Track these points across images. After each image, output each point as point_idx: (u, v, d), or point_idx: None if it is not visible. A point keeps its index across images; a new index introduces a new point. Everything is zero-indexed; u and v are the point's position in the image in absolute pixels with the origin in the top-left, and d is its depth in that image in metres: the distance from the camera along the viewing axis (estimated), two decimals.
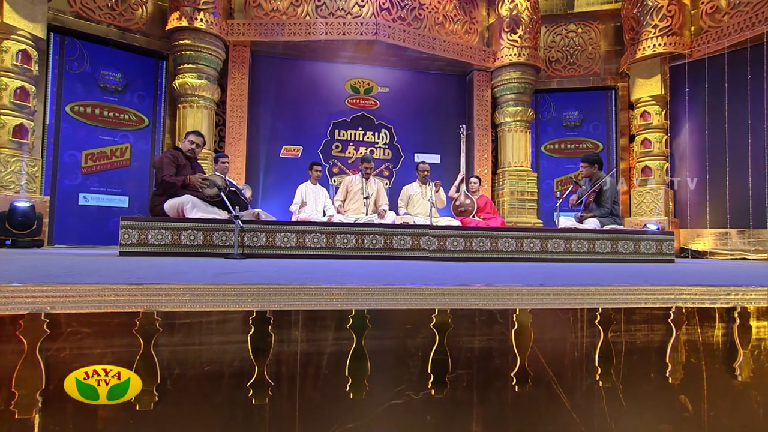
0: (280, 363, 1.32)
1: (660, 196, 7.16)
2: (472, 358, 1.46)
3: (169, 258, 3.22)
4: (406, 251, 3.98)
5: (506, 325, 1.50)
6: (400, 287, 1.36)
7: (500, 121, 7.84)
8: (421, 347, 1.42)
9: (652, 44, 7.17)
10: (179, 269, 1.93)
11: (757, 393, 1.72)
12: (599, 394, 1.57)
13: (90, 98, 6.52)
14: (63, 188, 6.29)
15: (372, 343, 1.38)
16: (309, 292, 1.29)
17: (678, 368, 1.65)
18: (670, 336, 1.66)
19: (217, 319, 1.28)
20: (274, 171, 7.33)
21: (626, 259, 4.43)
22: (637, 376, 1.62)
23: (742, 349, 1.71)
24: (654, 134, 7.29)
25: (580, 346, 1.58)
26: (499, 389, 1.47)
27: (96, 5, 6.49)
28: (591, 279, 1.88)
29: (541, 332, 1.53)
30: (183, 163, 4.04)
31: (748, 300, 1.73)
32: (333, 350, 1.35)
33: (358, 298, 1.33)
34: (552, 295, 1.52)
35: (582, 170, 5.26)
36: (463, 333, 1.46)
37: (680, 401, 1.65)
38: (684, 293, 1.68)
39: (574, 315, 1.58)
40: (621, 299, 1.60)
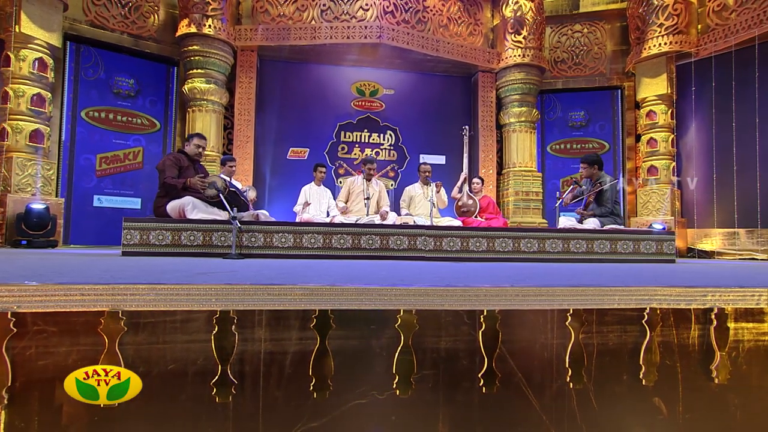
0: (243, 362, 1.37)
1: (666, 196, 7.11)
2: (438, 359, 1.50)
3: (164, 258, 3.33)
4: (402, 251, 4.06)
5: (473, 326, 1.53)
6: (364, 288, 1.42)
7: (505, 121, 7.88)
8: (385, 347, 1.46)
9: (658, 43, 7.13)
10: (164, 268, 2.05)
11: (734, 395, 1.71)
12: (569, 395, 1.58)
13: (104, 103, 6.76)
14: (78, 190, 6.53)
15: (336, 343, 1.43)
16: (272, 292, 1.35)
17: (652, 370, 1.64)
18: (644, 337, 1.66)
19: (182, 318, 1.34)
20: (281, 172, 7.48)
21: (626, 259, 4.44)
22: (609, 378, 1.62)
23: (719, 351, 1.70)
24: (660, 134, 7.25)
25: (550, 347, 1.59)
26: (466, 390, 1.50)
27: (110, 14, 6.72)
28: (569, 279, 1.89)
29: (510, 333, 1.55)
30: (186, 165, 4.18)
31: (726, 301, 1.71)
32: (297, 350, 1.41)
33: (322, 298, 1.38)
34: (521, 296, 1.53)
35: (582, 171, 5.29)
36: (429, 333, 1.50)
37: (654, 403, 1.65)
38: (658, 294, 1.66)
39: (543, 316, 1.60)
40: (592, 300, 1.60)
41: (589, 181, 5.28)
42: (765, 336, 1.79)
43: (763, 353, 1.79)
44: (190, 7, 6.69)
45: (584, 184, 5.39)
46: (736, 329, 1.77)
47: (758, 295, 1.77)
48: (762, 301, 1.77)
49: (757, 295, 1.77)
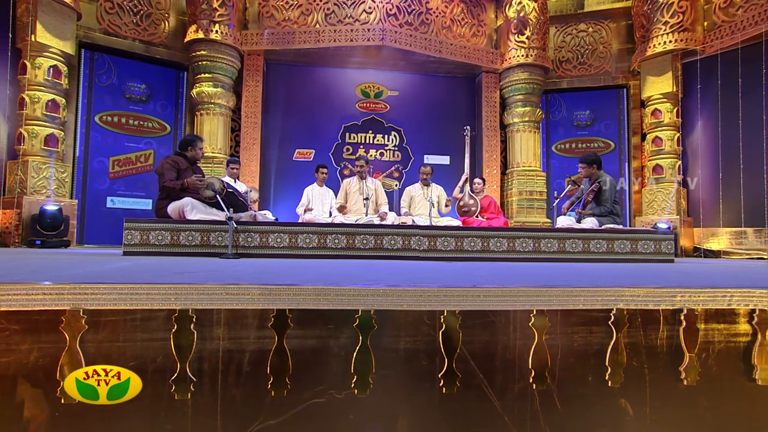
0: (202, 360, 1.40)
1: (671, 195, 7.05)
2: (398, 359, 1.50)
3: (159, 258, 3.45)
4: (396, 251, 4.14)
5: (433, 326, 1.56)
6: (322, 288, 1.47)
7: (509, 121, 7.89)
8: (344, 347, 1.49)
9: (663, 41, 7.07)
10: (142, 268, 2.16)
11: (704, 398, 1.70)
12: (532, 396, 1.58)
13: (117, 108, 6.98)
14: (93, 192, 6.76)
15: (294, 342, 1.47)
16: (230, 291, 1.41)
17: (618, 371, 1.64)
18: (610, 338, 1.66)
19: (142, 317, 1.38)
20: (287, 174, 7.62)
21: (623, 259, 4.44)
22: (573, 379, 1.62)
23: (688, 352, 1.70)
24: (665, 132, 7.19)
25: (512, 348, 1.60)
26: (425, 390, 1.52)
27: (122, 22, 6.93)
28: (538, 280, 1.94)
29: (471, 334, 1.57)
30: (184, 167, 4.31)
31: (696, 302, 1.71)
32: (255, 348, 1.44)
33: (279, 298, 1.44)
34: (482, 296, 1.56)
35: (581, 171, 5.29)
36: (388, 333, 1.53)
37: (620, 405, 1.65)
38: (625, 295, 1.67)
39: (506, 317, 1.61)
40: (556, 301, 1.61)
41: (588, 181, 5.29)
42: (737, 337, 1.81)
43: (735, 355, 1.80)
44: (198, 14, 6.86)
45: (584, 184, 5.39)
46: (707, 330, 1.76)
47: (729, 295, 1.79)
48: (733, 302, 1.79)
49: (728, 296, 1.79)
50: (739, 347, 1.79)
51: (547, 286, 1.68)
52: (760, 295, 1.80)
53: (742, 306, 1.79)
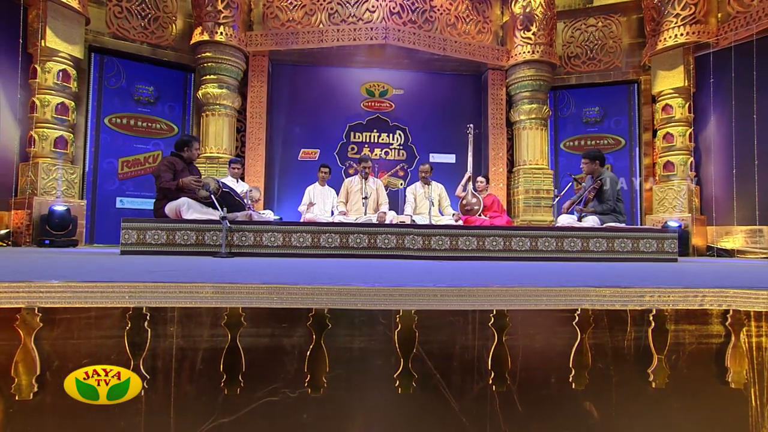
0: (155, 357, 1.42)
1: (683, 192, 6.86)
2: (352, 358, 1.51)
3: (152, 257, 3.52)
4: (390, 250, 4.12)
5: (389, 326, 1.55)
6: (276, 286, 1.47)
7: (515, 119, 7.79)
8: (297, 346, 1.50)
9: (674, 34, 6.89)
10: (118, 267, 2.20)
11: (674, 401, 1.66)
12: (492, 398, 1.56)
13: (125, 110, 7.13)
14: (102, 193, 6.93)
15: (247, 341, 1.47)
16: (183, 289, 1.43)
17: (582, 373, 1.60)
18: (574, 339, 1.61)
19: (96, 315, 1.40)
20: (292, 173, 7.68)
21: (623, 258, 4.34)
22: (535, 381, 1.59)
23: (656, 354, 1.65)
24: (677, 128, 7.01)
25: (470, 348, 1.57)
26: (381, 390, 1.51)
27: (131, 25, 7.08)
28: (503, 279, 1.91)
29: (428, 334, 1.55)
30: (180, 168, 4.36)
31: (665, 302, 1.65)
32: (208, 346, 1.46)
33: (232, 296, 1.45)
34: (439, 296, 1.53)
35: (583, 167, 5.19)
36: (343, 333, 1.52)
37: (585, 408, 1.61)
38: (591, 295, 1.62)
39: (464, 317, 1.59)
40: (518, 301, 1.58)
41: (590, 178, 5.18)
42: (709, 339, 1.75)
43: (707, 357, 1.74)
44: (203, 16, 6.96)
45: (586, 182, 5.29)
46: (677, 331, 1.71)
47: (701, 296, 1.73)
48: (705, 302, 1.73)
49: (700, 296, 1.73)
50: (712, 349, 1.74)
51: (510, 285, 1.65)
52: (734, 295, 1.73)
53: (715, 306, 1.73)
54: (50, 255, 3.37)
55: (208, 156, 7.01)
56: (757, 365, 1.73)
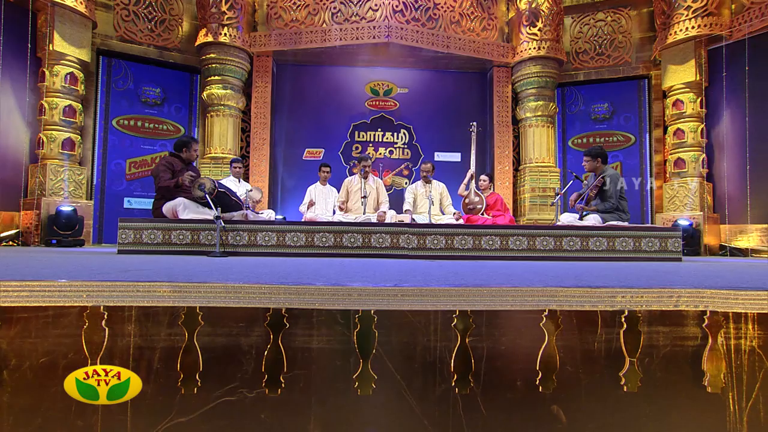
0: (113, 356, 1.42)
1: (694, 190, 6.67)
2: (310, 359, 1.50)
3: (146, 256, 3.57)
4: (384, 249, 4.10)
5: (347, 326, 1.53)
6: (232, 285, 1.47)
7: (521, 116, 7.68)
8: (254, 345, 1.49)
9: (685, 27, 6.70)
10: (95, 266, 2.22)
11: (647, 405, 1.60)
12: (455, 400, 1.53)
13: (133, 112, 7.25)
14: (111, 193, 7.05)
15: (205, 340, 1.47)
16: (140, 288, 1.44)
17: (550, 376, 1.56)
18: (541, 341, 1.57)
19: (54, 314, 1.41)
20: (297, 173, 7.71)
21: (625, 258, 4.24)
22: (500, 384, 1.54)
23: (628, 357, 1.59)
24: (688, 124, 6.81)
25: (433, 350, 1.54)
26: (339, 392, 1.49)
27: (138, 28, 7.19)
28: (474, 279, 1.87)
29: (388, 334, 1.53)
30: (179, 168, 4.41)
31: (638, 303, 1.60)
32: (165, 345, 1.46)
33: (188, 295, 1.45)
34: (399, 296, 1.51)
35: (584, 164, 5.09)
36: (301, 333, 1.51)
37: (552, 412, 1.57)
38: (559, 295, 1.58)
39: (426, 317, 1.56)
40: (482, 301, 1.55)
41: (593, 176, 5.07)
42: (684, 341, 1.68)
43: (682, 360, 1.68)
44: (207, 18, 7.03)
45: (590, 179, 5.18)
46: (651, 333, 1.65)
47: (676, 296, 1.67)
48: (681, 303, 1.67)
49: (675, 297, 1.67)
50: (688, 352, 1.67)
51: (473, 285, 1.61)
52: (711, 296, 1.67)
53: (691, 307, 1.67)
54: (44, 254, 3.43)
55: (212, 156, 7.09)
56: (736, 369, 1.66)
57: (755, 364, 1.67)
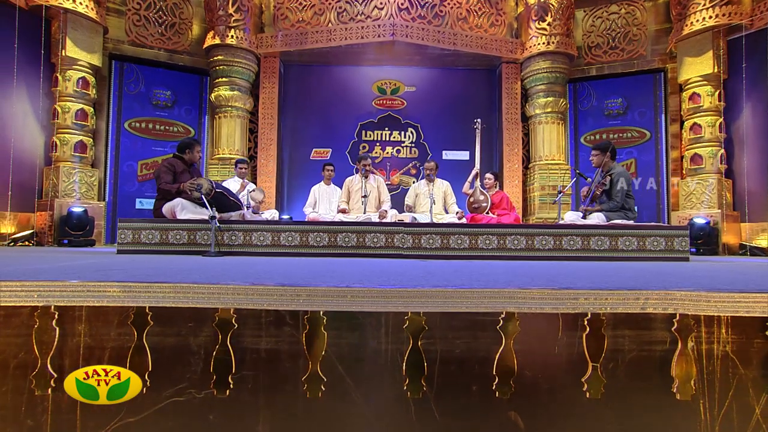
0: (63, 356, 1.42)
1: (712, 187, 6.41)
2: (259, 360, 1.48)
3: (143, 256, 3.63)
4: (379, 249, 4.07)
5: (296, 327, 1.51)
6: (181, 285, 1.47)
7: (531, 113, 7.53)
8: (203, 346, 1.48)
9: (702, 17, 6.44)
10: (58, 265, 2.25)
11: (611, 413, 1.52)
12: (407, 405, 1.49)
13: (144, 114, 7.40)
14: (123, 194, 7.22)
15: (154, 340, 1.47)
16: (90, 289, 1.45)
17: (506, 381, 1.51)
18: (498, 345, 1.52)
19: (5, 314, 1.42)
20: (304, 173, 7.74)
21: (628, 258, 4.10)
22: (454, 388, 1.50)
23: (591, 362, 1.53)
24: (705, 118, 6.55)
25: (383, 352, 1.51)
26: (288, 394, 1.48)
27: (149, 33, 7.34)
28: (421, 281, 1.82)
29: (338, 336, 1.50)
30: (180, 170, 4.48)
31: (602, 305, 1.54)
32: (115, 345, 1.47)
33: (138, 295, 1.46)
34: (349, 297, 1.50)
35: (592, 158, 4.92)
36: (249, 333, 1.49)
37: (510, 418, 1.51)
38: (517, 297, 1.53)
39: (377, 319, 1.52)
40: (433, 303, 1.51)
41: (600, 172, 4.92)
42: (652, 346, 1.60)
43: (649, 365, 1.59)
44: (215, 20, 7.13)
45: (597, 176, 5.02)
46: (616, 337, 1.57)
47: (644, 298, 1.60)
48: (649, 305, 1.60)
49: (642, 299, 1.60)
50: (655, 357, 1.58)
51: (426, 287, 1.57)
52: (682, 298, 1.59)
53: (660, 310, 1.58)
54: (40, 254, 3.52)
55: (220, 157, 7.18)
56: (708, 375, 1.57)
57: (728, 370, 1.57)
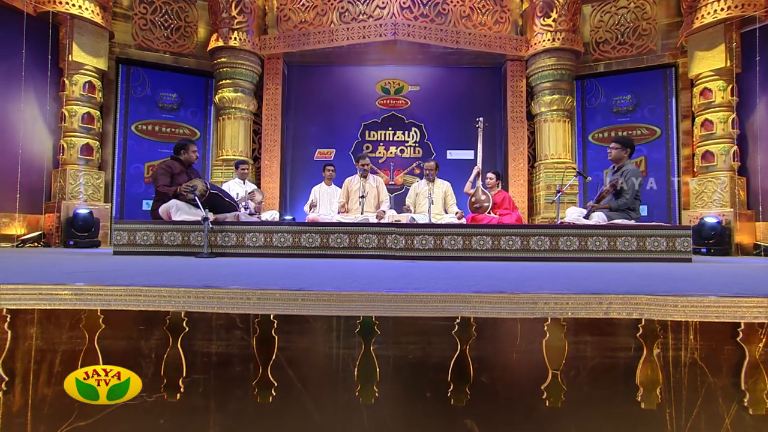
0: (14, 359, 1.42)
1: (724, 185, 6.20)
2: (210, 364, 1.48)
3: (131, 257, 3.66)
4: (371, 250, 4.03)
5: (247, 331, 1.50)
6: (131, 287, 1.47)
7: (536, 111, 7.39)
8: (154, 349, 1.48)
9: (713, 10, 6.23)
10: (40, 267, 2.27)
11: (571, 423, 1.48)
12: (358, 410, 1.47)
13: (151, 117, 7.51)
14: (130, 196, 7.34)
15: (106, 343, 1.48)
16: (42, 292, 1.45)
17: (462, 388, 1.47)
18: (453, 350, 1.48)
19: None
20: (308, 173, 7.75)
21: (627, 258, 3.99)
22: (408, 395, 1.48)
23: (551, 369, 1.48)
24: (717, 114, 6.34)
25: (335, 357, 1.49)
26: (239, 398, 1.47)
27: (155, 36, 7.45)
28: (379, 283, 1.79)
29: (288, 340, 1.48)
30: (178, 171, 4.51)
31: (562, 310, 1.49)
32: (67, 348, 1.46)
33: (90, 298, 1.46)
34: (300, 300, 1.47)
35: (611, 152, 4.75)
36: (200, 337, 1.48)
37: (466, 426, 1.48)
38: (473, 301, 1.49)
39: (328, 323, 1.50)
40: (384, 307, 1.48)
41: (612, 169, 4.78)
42: (616, 352, 1.53)
43: (613, 373, 1.52)
44: (218, 23, 7.19)
45: (609, 174, 4.87)
46: (577, 343, 1.52)
47: (607, 303, 1.54)
48: (612, 310, 1.54)
49: (605, 303, 1.54)
50: (619, 364, 1.52)
51: (380, 291, 1.54)
52: (647, 303, 1.52)
53: (624, 315, 1.52)
54: (35, 255, 3.59)
55: (224, 159, 7.24)
56: (674, 383, 1.50)
57: (697, 378, 1.50)
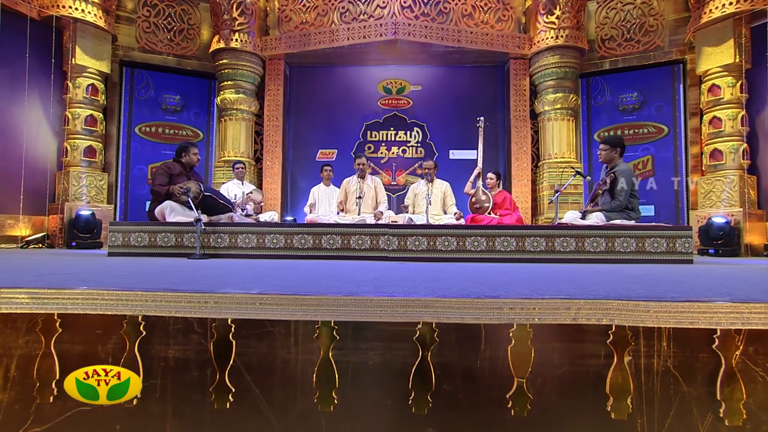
0: None
1: (733, 184, 6.02)
2: (167, 368, 1.45)
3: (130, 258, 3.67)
4: (364, 251, 3.99)
5: (204, 335, 1.47)
6: (89, 291, 1.46)
7: (540, 110, 7.28)
8: (111, 353, 1.46)
9: (721, 4, 6.07)
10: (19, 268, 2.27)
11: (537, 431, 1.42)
12: (317, 418, 1.43)
13: (154, 119, 7.57)
14: (134, 197, 7.41)
15: (62, 347, 1.46)
16: (1, 295, 1.46)
17: (423, 396, 1.43)
18: (415, 357, 1.44)
19: None
20: (310, 173, 7.74)
21: (626, 260, 3.89)
22: (367, 402, 1.44)
23: (516, 377, 1.43)
24: (725, 111, 6.17)
25: (293, 363, 1.45)
26: (196, 404, 1.44)
27: (158, 39, 7.51)
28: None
29: (246, 345, 1.46)
30: (177, 173, 4.51)
31: (529, 315, 1.43)
32: (23, 353, 1.45)
33: (46, 302, 1.45)
34: (258, 304, 1.45)
35: (601, 154, 4.67)
36: (157, 341, 1.46)
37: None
38: (435, 306, 1.44)
39: (286, 328, 1.47)
40: (344, 311, 1.45)
41: (605, 169, 4.69)
42: (585, 360, 1.46)
43: (581, 381, 1.46)
44: (220, 25, 7.22)
45: (602, 174, 4.78)
46: (543, 350, 1.46)
47: (576, 308, 1.47)
48: (581, 316, 1.47)
49: (574, 309, 1.47)
50: (588, 372, 1.45)
51: (339, 294, 1.50)
52: (618, 308, 1.45)
53: (593, 321, 1.45)
54: (30, 257, 3.62)
55: (226, 160, 7.27)
56: (646, 393, 1.43)
57: (670, 387, 1.42)
